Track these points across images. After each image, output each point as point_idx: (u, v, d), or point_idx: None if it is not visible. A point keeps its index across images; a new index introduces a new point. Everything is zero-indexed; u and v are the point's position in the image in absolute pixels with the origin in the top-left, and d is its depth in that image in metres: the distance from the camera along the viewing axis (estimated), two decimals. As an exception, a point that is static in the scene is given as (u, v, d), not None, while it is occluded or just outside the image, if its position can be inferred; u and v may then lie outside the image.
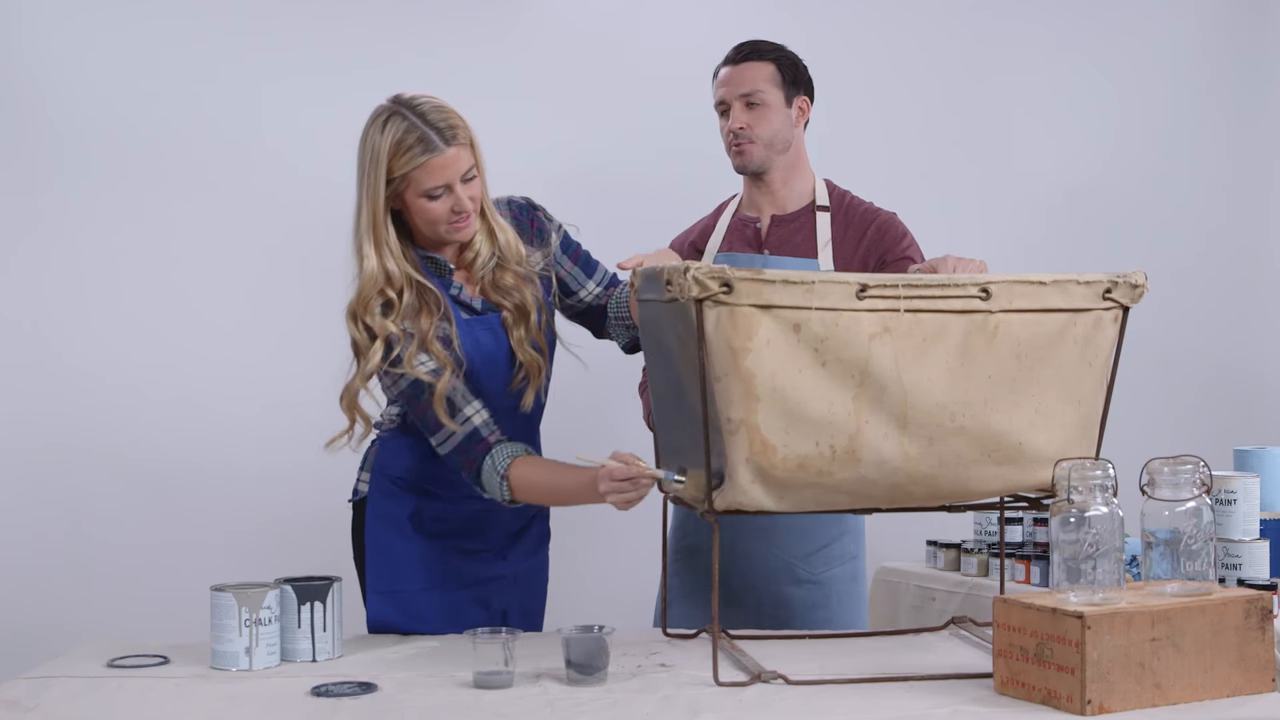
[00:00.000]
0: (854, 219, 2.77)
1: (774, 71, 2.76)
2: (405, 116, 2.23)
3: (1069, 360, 2.03)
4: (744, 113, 2.75)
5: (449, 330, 2.29)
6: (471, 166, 2.27)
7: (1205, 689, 1.84)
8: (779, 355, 1.91)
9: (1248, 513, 2.74)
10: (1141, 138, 4.26)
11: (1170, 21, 4.29)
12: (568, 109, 3.74)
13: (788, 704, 1.85)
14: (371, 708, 1.86)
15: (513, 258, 2.36)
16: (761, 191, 2.80)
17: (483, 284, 2.36)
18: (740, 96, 2.75)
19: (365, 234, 2.25)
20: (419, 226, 2.30)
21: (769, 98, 2.75)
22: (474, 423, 2.27)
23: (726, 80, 2.78)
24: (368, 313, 2.24)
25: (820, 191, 2.81)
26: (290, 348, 3.50)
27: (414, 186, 2.24)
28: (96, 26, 3.50)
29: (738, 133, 2.75)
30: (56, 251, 3.49)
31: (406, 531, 2.40)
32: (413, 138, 2.21)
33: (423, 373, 2.24)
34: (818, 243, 2.74)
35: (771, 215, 2.79)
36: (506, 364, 2.36)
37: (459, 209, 2.26)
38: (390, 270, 2.25)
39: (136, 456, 3.51)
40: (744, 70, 2.76)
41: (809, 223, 2.77)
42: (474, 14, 3.73)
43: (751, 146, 2.75)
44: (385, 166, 2.22)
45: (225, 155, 3.57)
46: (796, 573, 2.71)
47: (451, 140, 2.23)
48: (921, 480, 2.00)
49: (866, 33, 4.01)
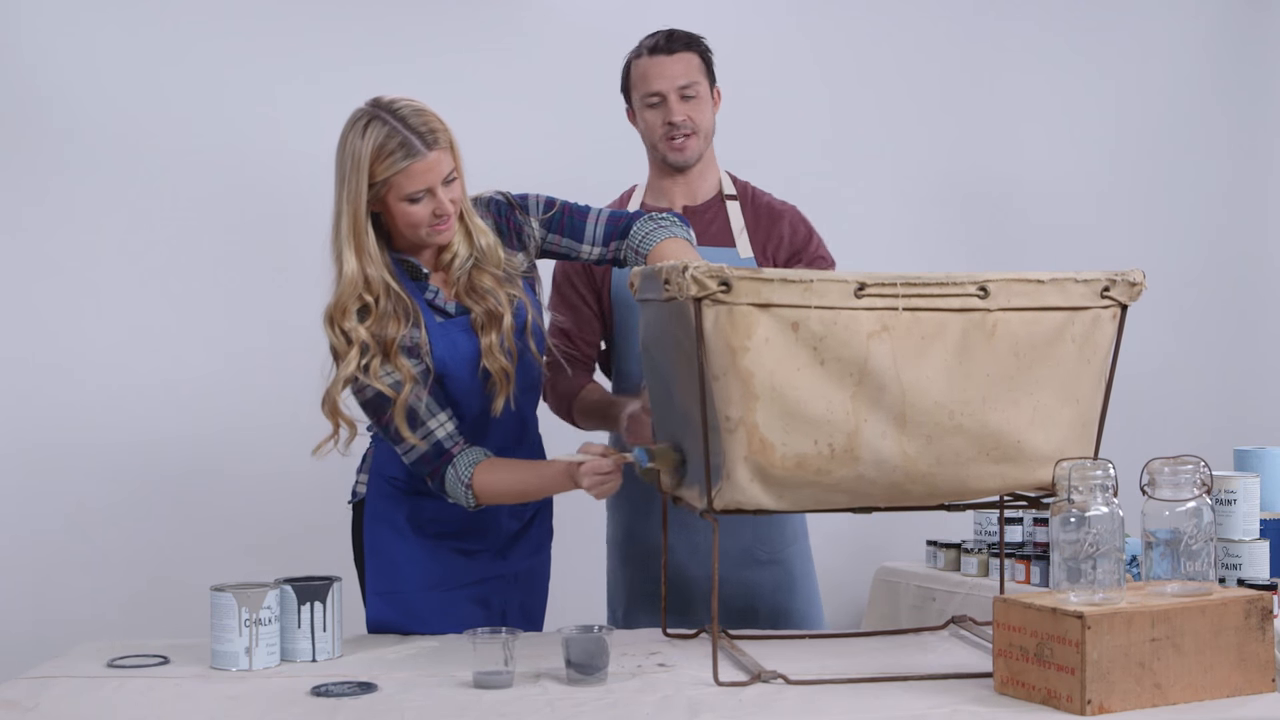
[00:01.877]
0: (761, 210, 2.76)
1: (700, 62, 2.71)
2: (385, 121, 2.21)
3: (1067, 358, 2.02)
4: (682, 105, 2.67)
5: (418, 338, 2.28)
6: (452, 169, 2.25)
7: (1205, 689, 1.84)
8: (777, 354, 1.91)
9: (1248, 513, 2.74)
10: (1142, 138, 4.26)
11: (1171, 22, 4.30)
12: (567, 109, 3.74)
13: (788, 704, 1.85)
14: (371, 708, 1.86)
15: (491, 260, 2.34)
16: (676, 183, 2.75)
17: (458, 287, 2.34)
18: (678, 89, 2.67)
19: (346, 238, 2.24)
20: (399, 229, 2.28)
21: (702, 89, 2.69)
22: (437, 435, 2.28)
23: (661, 71, 2.68)
24: (345, 318, 2.24)
25: (726, 181, 2.78)
26: (290, 347, 3.48)
27: (395, 191, 2.22)
28: (96, 26, 3.50)
29: (680, 125, 2.68)
30: (56, 251, 3.49)
31: (405, 532, 2.40)
32: (394, 142, 2.19)
33: (385, 385, 2.24)
34: (733, 230, 2.72)
35: (683, 206, 2.76)
36: (480, 368, 2.33)
37: (440, 212, 2.25)
38: (370, 275, 2.24)
39: (136, 456, 3.51)
40: (679, 61, 2.68)
41: (721, 212, 2.74)
42: (474, 15, 3.74)
43: (693, 139, 2.69)
44: (367, 172, 2.20)
45: (226, 156, 3.57)
46: (757, 554, 2.70)
47: (433, 144, 2.21)
48: (920, 479, 2.00)
49: (867, 33, 4.02)
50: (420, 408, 2.26)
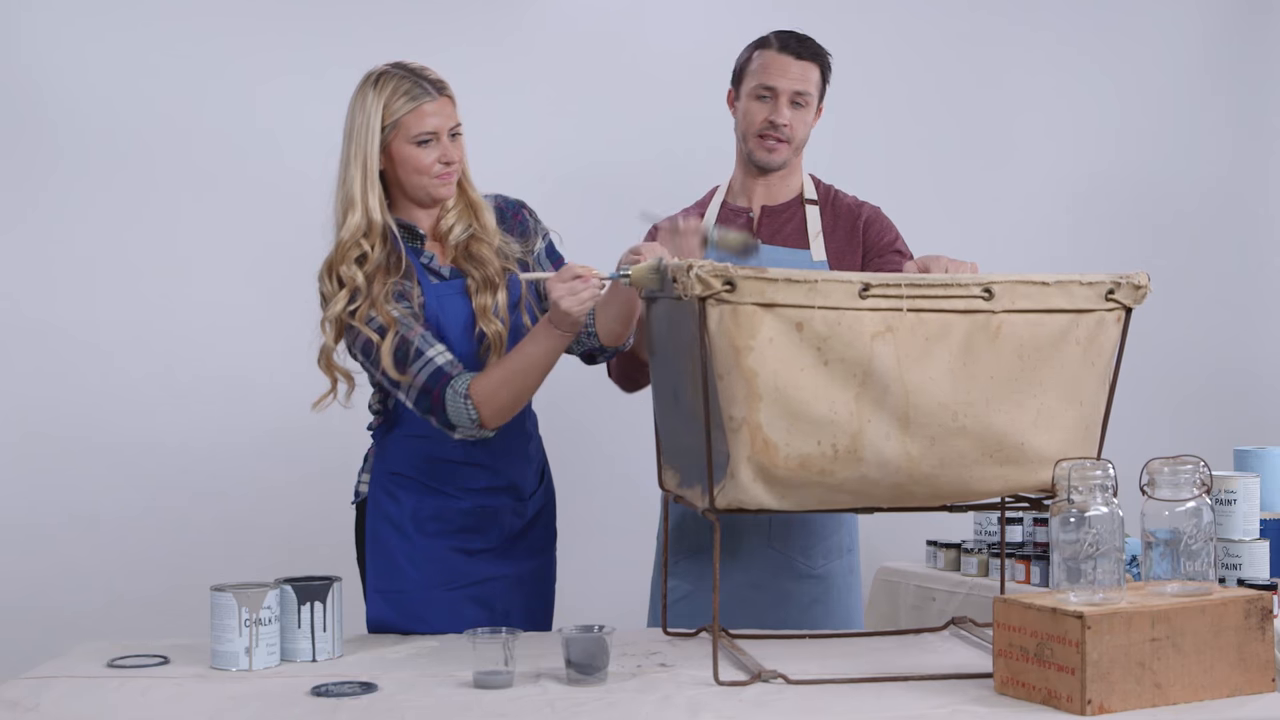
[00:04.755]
0: (841, 212, 2.76)
1: (819, 76, 2.72)
2: (395, 73, 2.33)
3: (1071, 361, 2.02)
4: (789, 109, 2.68)
5: (410, 289, 2.33)
6: (457, 125, 2.36)
7: (1205, 689, 1.84)
8: (781, 354, 1.91)
9: (1248, 513, 2.75)
10: (1143, 138, 4.26)
11: (1172, 22, 4.29)
12: (567, 109, 3.74)
13: (788, 704, 1.85)
14: (371, 708, 1.86)
15: (489, 235, 2.41)
16: (759, 183, 2.76)
17: (456, 253, 2.40)
18: (793, 92, 2.67)
19: (355, 182, 2.31)
20: (404, 179, 2.35)
21: (812, 101, 2.71)
22: (437, 362, 2.29)
23: (784, 70, 2.68)
24: (344, 262, 2.29)
25: (808, 185, 2.79)
26: (290, 346, 3.47)
27: (404, 133, 2.31)
28: (95, 26, 3.50)
29: (780, 128, 2.68)
30: (55, 249, 3.49)
31: (406, 531, 2.41)
32: (405, 85, 2.31)
33: (371, 330, 2.28)
34: (809, 234, 2.73)
35: (762, 206, 2.77)
36: (474, 331, 2.37)
37: (446, 159, 2.34)
38: (374, 219, 2.31)
39: (136, 456, 3.51)
40: (803, 67, 2.69)
41: (798, 214, 2.75)
42: (474, 15, 3.73)
43: (785, 146, 2.70)
44: (380, 115, 2.30)
45: (225, 154, 3.57)
46: (796, 568, 2.68)
47: (441, 91, 2.34)
48: (923, 480, 2.00)
49: (867, 34, 4.01)
50: (417, 340, 2.29)
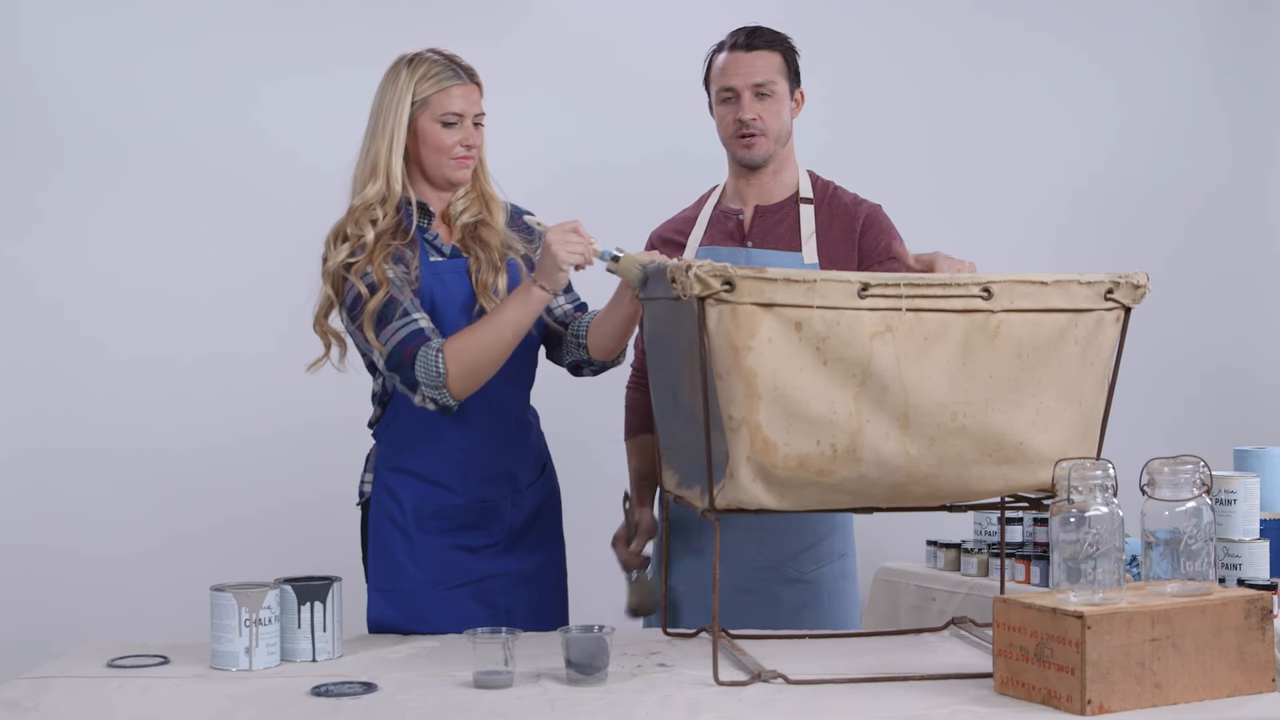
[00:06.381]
0: (837, 210, 2.72)
1: (781, 62, 2.69)
2: (429, 56, 2.41)
3: (1070, 360, 2.02)
4: (755, 103, 2.66)
5: (409, 256, 2.37)
6: (481, 114, 2.43)
7: (1205, 689, 1.84)
8: (780, 354, 1.91)
9: (1248, 513, 2.75)
10: (1142, 138, 4.26)
11: (1171, 21, 4.30)
12: (566, 109, 3.74)
13: (788, 704, 1.85)
14: (371, 708, 1.86)
15: (496, 223, 2.46)
16: (750, 183, 2.74)
17: (461, 235, 2.45)
18: (752, 86, 2.65)
19: (381, 152, 2.37)
20: (424, 158, 2.40)
21: (779, 89, 2.67)
22: (420, 324, 2.31)
23: (737, 68, 2.67)
24: (354, 223, 2.34)
25: (804, 183, 2.75)
26: (289, 346, 3.48)
27: (431, 110, 2.38)
28: (95, 26, 3.50)
29: (749, 123, 2.66)
30: (53, 251, 3.49)
31: (407, 529, 2.41)
32: (438, 68, 2.39)
33: (363, 285, 2.31)
34: (801, 235, 2.70)
35: (755, 206, 2.74)
36: (472, 310, 2.39)
37: (469, 143, 2.40)
38: (394, 189, 2.37)
39: (136, 456, 3.51)
40: (756, 59, 2.66)
41: (792, 214, 2.72)
42: (474, 15, 3.73)
43: (762, 139, 2.67)
44: (411, 90, 2.37)
45: (224, 154, 3.57)
46: (785, 572, 2.66)
47: (471, 78, 2.42)
48: (922, 480, 2.00)
49: (867, 33, 4.02)
50: (405, 303, 2.32)
